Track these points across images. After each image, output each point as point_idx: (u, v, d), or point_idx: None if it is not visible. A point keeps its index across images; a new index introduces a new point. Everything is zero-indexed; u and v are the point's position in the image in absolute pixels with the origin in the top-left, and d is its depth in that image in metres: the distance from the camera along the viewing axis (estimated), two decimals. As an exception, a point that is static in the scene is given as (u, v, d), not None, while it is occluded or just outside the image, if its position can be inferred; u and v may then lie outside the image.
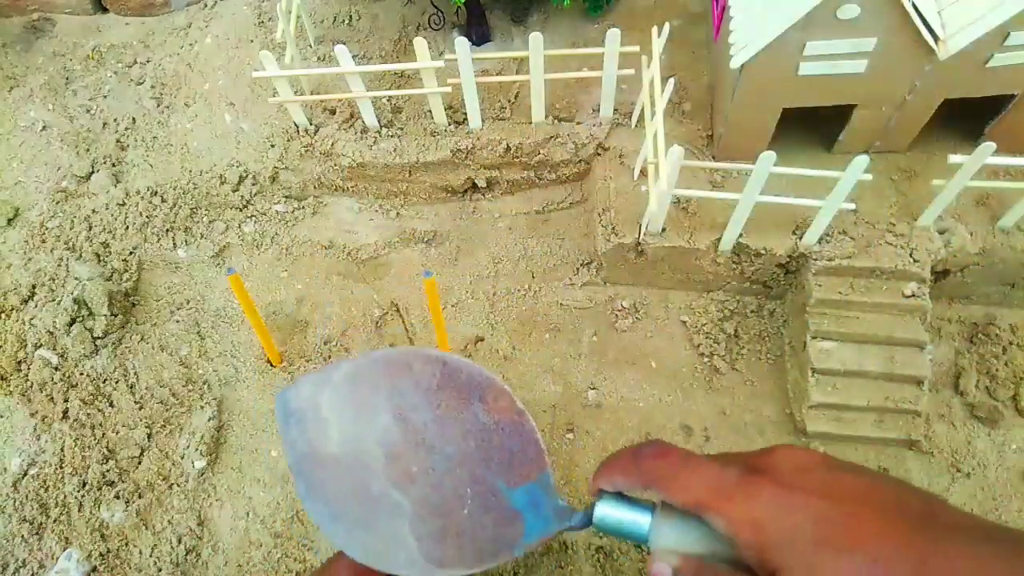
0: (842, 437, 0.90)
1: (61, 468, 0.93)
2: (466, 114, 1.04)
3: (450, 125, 1.07)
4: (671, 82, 0.85)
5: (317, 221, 1.14)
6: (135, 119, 1.20)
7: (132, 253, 1.09)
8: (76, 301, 1.00)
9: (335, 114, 1.09)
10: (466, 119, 1.05)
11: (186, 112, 1.18)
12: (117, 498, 0.91)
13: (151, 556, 0.89)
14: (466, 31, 1.16)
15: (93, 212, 1.10)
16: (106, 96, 1.23)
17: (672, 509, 0.52)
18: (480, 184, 1.11)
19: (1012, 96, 0.87)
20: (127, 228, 1.09)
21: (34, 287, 1.03)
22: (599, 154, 1.04)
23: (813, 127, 0.96)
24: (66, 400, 0.97)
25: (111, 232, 1.09)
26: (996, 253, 0.91)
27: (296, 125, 1.08)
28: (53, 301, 1.01)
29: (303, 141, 1.07)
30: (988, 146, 0.77)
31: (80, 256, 1.06)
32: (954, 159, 0.80)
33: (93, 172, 1.15)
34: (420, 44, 0.92)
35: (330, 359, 1.01)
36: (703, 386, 0.97)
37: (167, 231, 1.10)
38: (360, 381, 0.65)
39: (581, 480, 0.91)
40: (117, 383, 0.99)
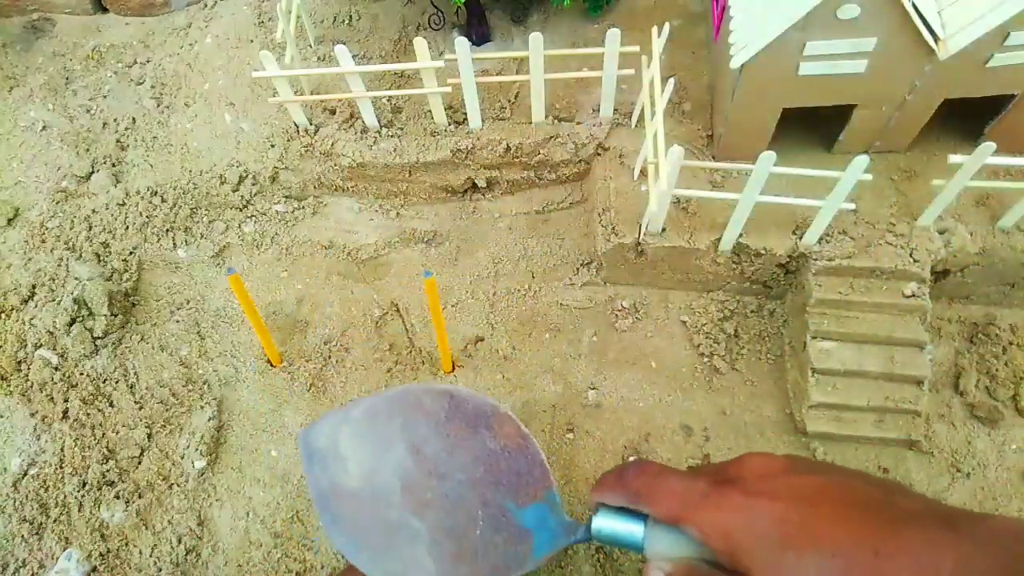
0: (842, 437, 0.90)
1: (61, 468, 0.93)
2: (466, 114, 1.04)
3: (450, 125, 1.07)
4: (671, 82, 0.85)
5: (317, 221, 1.14)
6: (135, 119, 1.20)
7: (132, 253, 1.09)
8: (76, 301, 1.00)
9: (335, 114, 1.09)
10: (466, 119, 1.05)
11: (186, 112, 1.18)
12: (117, 498, 0.91)
13: (151, 556, 0.89)
14: (466, 31, 1.16)
15: (93, 212, 1.10)
16: (106, 96, 1.24)
17: None
18: (480, 184, 1.11)
19: (1012, 96, 0.87)
20: (127, 228, 1.09)
21: (34, 287, 1.03)
22: (599, 154, 1.04)
23: (813, 127, 0.96)
24: (66, 400, 0.97)
25: (111, 232, 1.09)
26: (996, 253, 0.91)
27: (296, 125, 1.08)
28: (53, 301, 1.02)
29: (303, 141, 1.07)
30: (988, 146, 0.77)
31: (80, 256, 1.06)
32: (954, 159, 0.80)
33: (93, 172, 1.15)
34: (420, 44, 0.92)
35: (330, 359, 1.01)
36: (703, 386, 0.97)
37: (167, 231, 1.10)
38: (376, 418, 0.71)
39: (581, 480, 0.91)
40: (117, 383, 0.99)
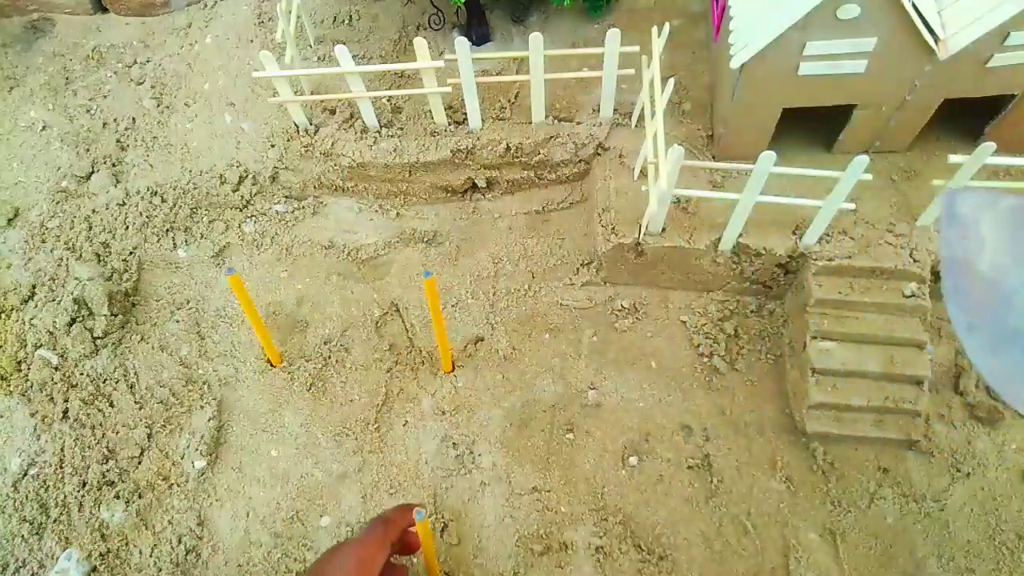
0: (842, 437, 0.90)
1: (61, 468, 0.93)
2: (466, 114, 1.04)
3: (450, 125, 1.07)
4: (671, 82, 0.85)
5: (317, 221, 1.14)
6: (135, 119, 1.20)
7: (132, 253, 1.09)
8: (76, 301, 1.00)
9: (335, 114, 1.09)
10: (466, 119, 1.05)
11: (186, 112, 1.18)
12: (117, 498, 0.91)
13: (151, 556, 0.89)
14: (466, 31, 1.16)
15: (93, 212, 1.10)
16: (106, 96, 1.24)
17: None
18: (480, 184, 1.11)
19: (1012, 96, 0.87)
20: (127, 228, 1.09)
21: (34, 287, 1.03)
22: (599, 154, 1.04)
23: (813, 127, 0.96)
24: (66, 400, 0.97)
25: (111, 232, 1.09)
26: (996, 253, 0.91)
27: (296, 125, 1.08)
28: (53, 301, 1.02)
29: (303, 141, 1.07)
30: (988, 146, 0.77)
31: (80, 256, 1.06)
32: (954, 159, 0.80)
33: (93, 172, 1.15)
34: (420, 44, 0.92)
35: (330, 359, 1.01)
36: (703, 386, 0.97)
37: (167, 231, 1.10)
38: (1019, 220, 0.65)
39: (581, 480, 0.91)
40: (117, 383, 0.99)
